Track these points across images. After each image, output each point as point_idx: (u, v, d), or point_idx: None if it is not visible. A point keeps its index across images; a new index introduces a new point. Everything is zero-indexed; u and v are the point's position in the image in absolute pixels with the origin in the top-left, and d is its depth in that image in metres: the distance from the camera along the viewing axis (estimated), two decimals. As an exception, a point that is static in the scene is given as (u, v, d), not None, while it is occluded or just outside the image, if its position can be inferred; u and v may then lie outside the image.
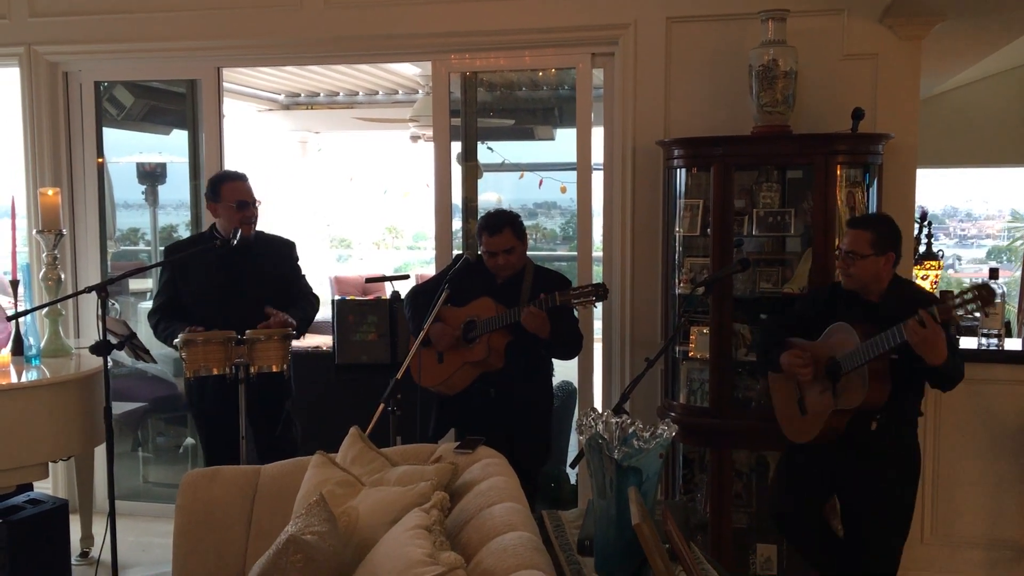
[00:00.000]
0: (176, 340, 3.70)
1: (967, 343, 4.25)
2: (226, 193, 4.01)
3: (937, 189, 10.21)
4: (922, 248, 4.71)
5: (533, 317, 3.57)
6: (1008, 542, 4.19)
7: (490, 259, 3.79)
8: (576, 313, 3.86)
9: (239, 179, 4.06)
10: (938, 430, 4.21)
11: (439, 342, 3.80)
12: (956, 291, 2.95)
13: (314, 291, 4.27)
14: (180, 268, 4.05)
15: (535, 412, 3.87)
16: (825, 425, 3.20)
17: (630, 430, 2.31)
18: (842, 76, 4.14)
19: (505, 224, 3.76)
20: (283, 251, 4.19)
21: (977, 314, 2.78)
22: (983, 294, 2.79)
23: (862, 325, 3.10)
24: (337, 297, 4.47)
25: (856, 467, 3.24)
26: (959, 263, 11.77)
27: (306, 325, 4.10)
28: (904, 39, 4.08)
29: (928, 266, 4.69)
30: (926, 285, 4.65)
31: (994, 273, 4.28)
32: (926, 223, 4.77)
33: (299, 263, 4.25)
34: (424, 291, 3.95)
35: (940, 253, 4.77)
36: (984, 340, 4.20)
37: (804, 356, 3.24)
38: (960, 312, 2.83)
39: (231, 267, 3.98)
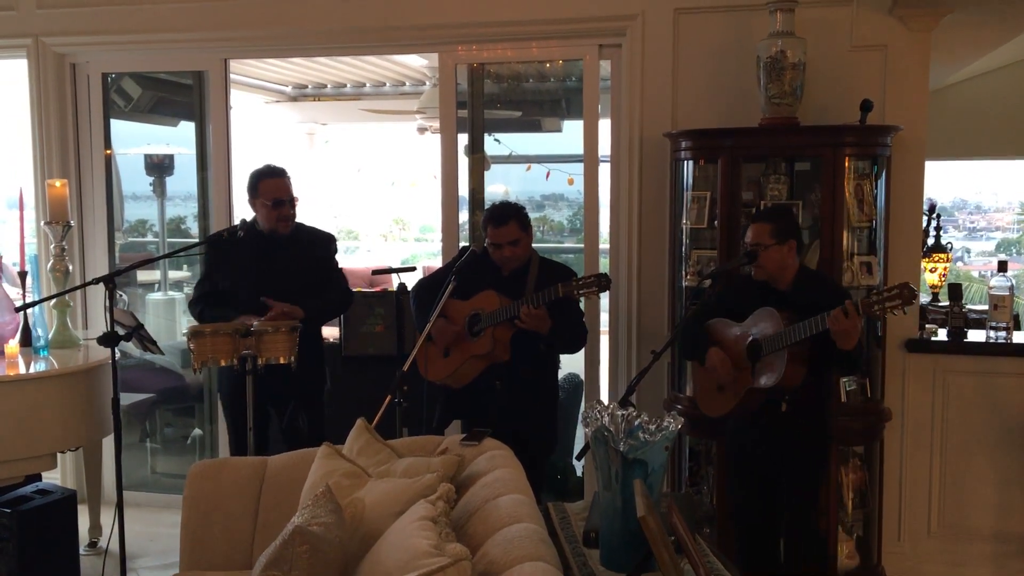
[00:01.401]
0: (184, 332, 3.72)
1: (975, 336, 4.24)
2: (263, 190, 3.98)
3: (946, 181, 10.16)
4: (931, 240, 4.69)
5: (530, 318, 3.56)
6: (1016, 535, 4.18)
7: (495, 251, 3.78)
8: (582, 306, 3.85)
9: (276, 176, 4.02)
10: (945, 423, 4.20)
11: (439, 338, 3.79)
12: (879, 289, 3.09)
13: (347, 287, 4.22)
14: (217, 261, 4.06)
15: (541, 403, 3.87)
16: (739, 401, 3.36)
17: (636, 422, 2.31)
18: (851, 68, 4.11)
19: (510, 216, 3.75)
20: (320, 245, 4.15)
21: (896, 312, 2.97)
22: (904, 293, 2.94)
23: (782, 312, 3.24)
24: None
25: (772, 450, 3.37)
26: (968, 256, 11.72)
27: (320, 315, 4.07)
28: (913, 30, 4.05)
29: (937, 259, 4.67)
30: (935, 278, 4.63)
31: (1003, 266, 4.26)
32: (935, 215, 4.75)
33: (336, 257, 4.21)
34: (429, 284, 3.94)
35: (949, 246, 4.75)
36: (992, 333, 4.18)
37: (728, 366, 3.37)
38: (878, 308, 3.00)
39: (266, 260, 3.98)
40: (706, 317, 3.51)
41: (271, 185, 3.99)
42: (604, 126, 4.61)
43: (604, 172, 4.63)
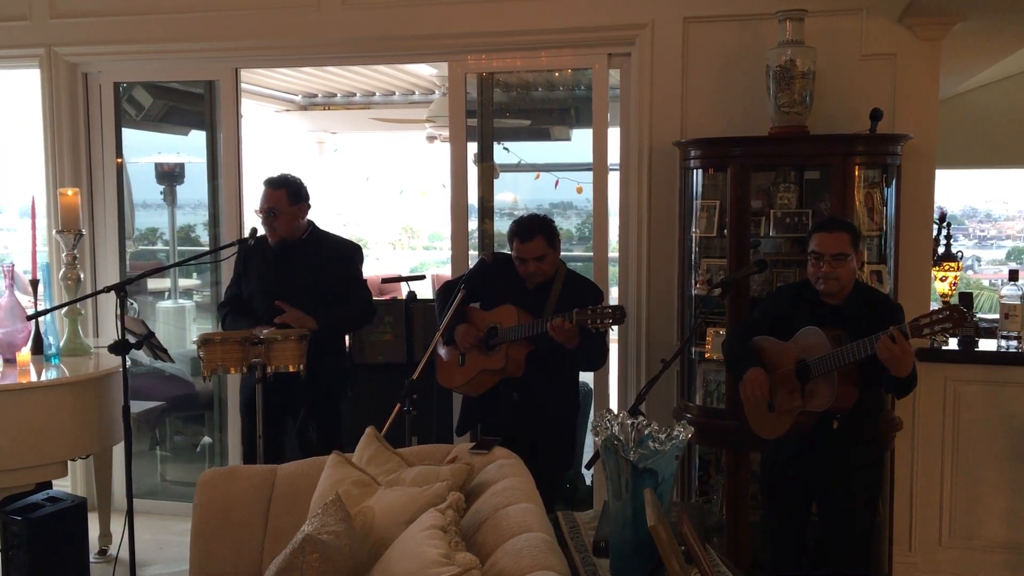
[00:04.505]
0: (194, 339, 3.74)
1: (986, 345, 4.23)
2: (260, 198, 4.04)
3: (956, 190, 10.15)
4: (941, 249, 4.67)
5: (560, 331, 3.47)
6: (1028, 546, 4.17)
7: (520, 265, 3.72)
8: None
9: (265, 185, 4.02)
10: (956, 432, 4.19)
11: (462, 342, 3.77)
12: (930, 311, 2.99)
13: (369, 300, 4.13)
14: (244, 266, 4.13)
15: (559, 419, 3.82)
16: (792, 423, 3.26)
17: (646, 431, 2.31)
18: (860, 76, 4.11)
19: (536, 231, 3.67)
20: (341, 255, 4.10)
21: (946, 336, 2.86)
22: (954, 316, 2.84)
23: (830, 329, 3.13)
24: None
25: (822, 467, 3.29)
26: (978, 264, 11.68)
27: (335, 326, 4.02)
28: (923, 39, 4.05)
29: (947, 267, 4.65)
30: (945, 287, 4.62)
31: (1014, 275, 4.24)
32: (945, 224, 4.73)
33: (359, 268, 4.13)
34: (452, 287, 3.92)
35: (959, 254, 4.73)
36: (1003, 342, 4.16)
37: (764, 387, 3.26)
38: (927, 331, 2.89)
39: (281, 268, 3.99)
40: (753, 334, 3.41)
41: (261, 194, 4.02)
42: (613, 135, 4.61)
43: (613, 180, 4.63)
